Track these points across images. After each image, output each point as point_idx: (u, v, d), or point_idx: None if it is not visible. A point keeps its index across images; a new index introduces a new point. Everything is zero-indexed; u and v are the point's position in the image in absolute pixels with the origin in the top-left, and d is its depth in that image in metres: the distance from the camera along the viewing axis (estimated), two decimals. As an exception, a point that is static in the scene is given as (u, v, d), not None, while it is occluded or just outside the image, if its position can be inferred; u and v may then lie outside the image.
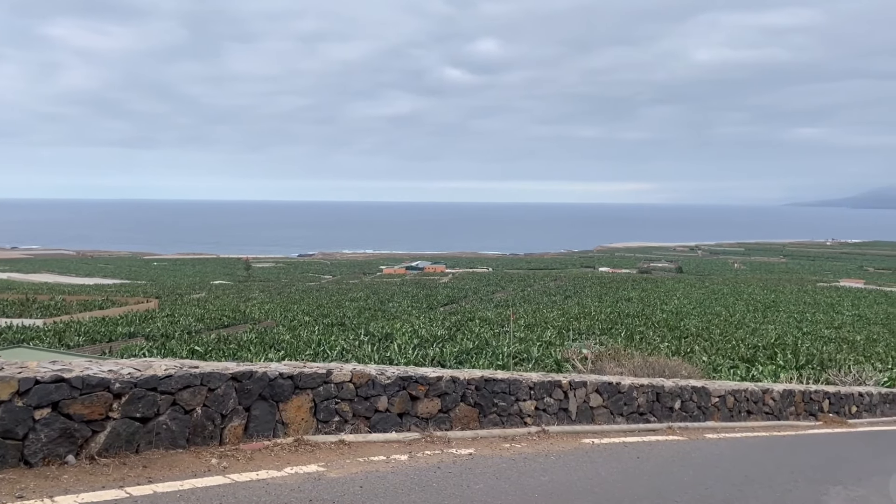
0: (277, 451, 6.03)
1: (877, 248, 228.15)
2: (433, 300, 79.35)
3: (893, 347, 44.23)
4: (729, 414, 11.19)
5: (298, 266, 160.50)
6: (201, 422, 5.82)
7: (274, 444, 6.14)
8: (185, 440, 5.72)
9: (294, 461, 5.85)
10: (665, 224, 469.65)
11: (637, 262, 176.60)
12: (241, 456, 5.77)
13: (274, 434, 6.29)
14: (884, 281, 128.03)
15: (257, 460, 5.75)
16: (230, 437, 5.99)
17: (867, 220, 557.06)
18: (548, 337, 46.44)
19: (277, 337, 45.39)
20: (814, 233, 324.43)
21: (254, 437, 6.14)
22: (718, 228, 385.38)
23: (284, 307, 67.99)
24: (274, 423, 6.32)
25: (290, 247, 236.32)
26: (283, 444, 6.17)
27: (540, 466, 6.74)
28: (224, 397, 5.96)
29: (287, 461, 5.83)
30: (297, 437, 6.35)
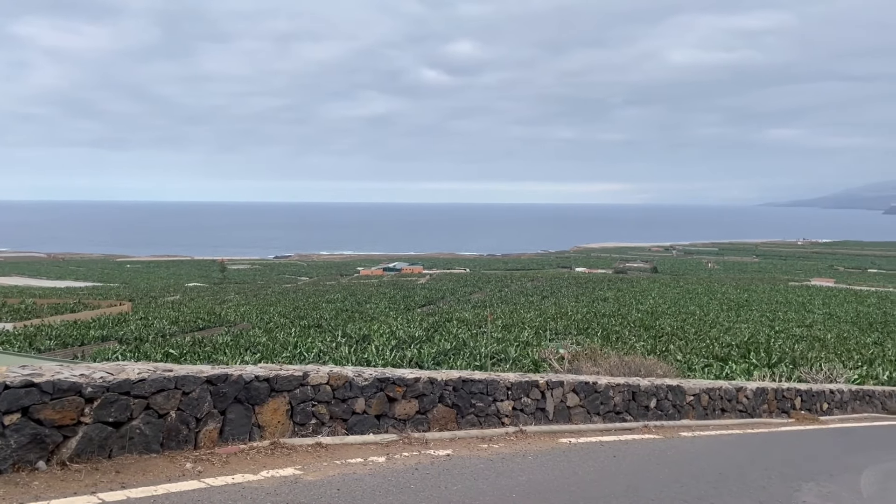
0: (253, 454, 5.98)
1: (847, 247, 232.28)
2: (411, 301, 79.25)
3: (863, 345, 45.04)
4: (703, 412, 11.31)
5: (274, 268, 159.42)
6: (175, 426, 5.75)
7: (250, 447, 6.08)
8: (160, 445, 5.64)
9: (270, 464, 5.80)
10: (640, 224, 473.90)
11: (613, 262, 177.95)
12: (216, 460, 5.71)
13: (250, 437, 6.24)
14: (853, 280, 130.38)
15: (233, 464, 5.70)
16: (205, 441, 5.93)
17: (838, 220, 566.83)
18: (525, 337, 46.58)
19: (253, 339, 45.02)
20: (786, 233, 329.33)
21: (229, 440, 6.08)
22: (693, 228, 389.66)
23: (260, 309, 67.46)
24: (250, 427, 6.26)
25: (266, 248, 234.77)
26: (259, 447, 6.12)
27: (517, 466, 6.76)
28: (199, 401, 5.89)
29: (263, 464, 5.78)
30: (274, 440, 6.30)
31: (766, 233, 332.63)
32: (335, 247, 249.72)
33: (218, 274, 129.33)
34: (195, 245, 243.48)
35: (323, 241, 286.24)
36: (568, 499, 5.95)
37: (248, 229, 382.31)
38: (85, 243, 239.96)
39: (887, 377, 32.53)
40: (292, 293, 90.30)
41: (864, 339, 49.09)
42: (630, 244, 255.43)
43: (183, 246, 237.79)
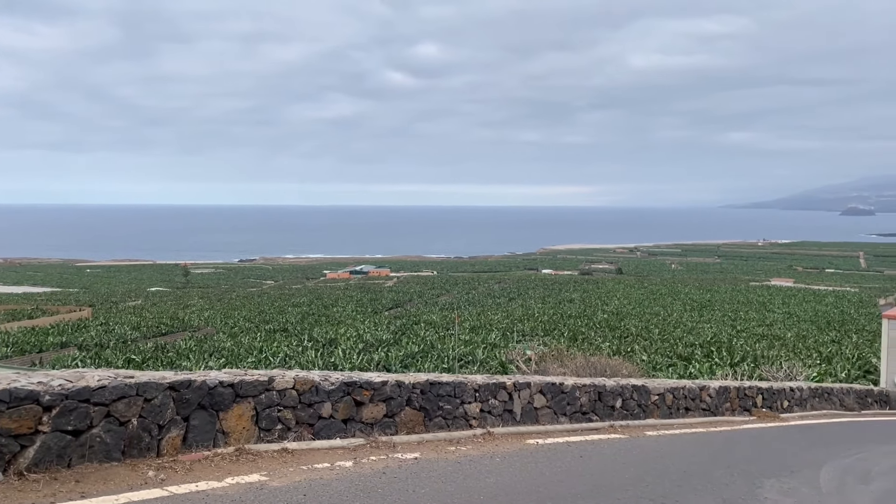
0: (218, 461, 5.89)
1: (805, 248, 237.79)
2: (378, 304, 78.96)
3: (822, 344, 46.11)
4: (668, 411, 11.46)
5: (239, 271, 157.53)
6: (137, 433, 5.64)
7: (214, 454, 5.99)
8: (121, 453, 5.53)
9: (235, 471, 5.72)
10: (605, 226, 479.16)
11: (579, 263, 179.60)
12: (179, 467, 5.62)
13: (214, 444, 6.14)
14: (812, 280, 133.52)
15: (197, 471, 5.61)
16: (168, 449, 5.82)
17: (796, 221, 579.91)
18: (492, 339, 46.73)
19: (218, 344, 44.39)
20: (746, 234, 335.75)
21: (193, 447, 5.98)
22: (656, 230, 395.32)
23: (225, 314, 66.59)
24: (214, 433, 6.17)
25: (231, 252, 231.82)
26: (223, 453, 6.03)
27: (485, 468, 6.77)
28: (161, 408, 5.79)
29: (228, 471, 5.70)
30: (239, 446, 6.22)
31: (727, 234, 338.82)
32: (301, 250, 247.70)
33: (181, 278, 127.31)
34: (157, 249, 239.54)
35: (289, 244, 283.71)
36: (535, 499, 5.98)
37: (212, 233, 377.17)
38: (43, 248, 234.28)
39: (845, 375, 33.36)
40: (257, 297, 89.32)
41: (822, 337, 50.25)
42: (595, 246, 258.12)
43: (145, 250, 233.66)
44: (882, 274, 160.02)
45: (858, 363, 36.69)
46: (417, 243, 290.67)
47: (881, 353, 27.62)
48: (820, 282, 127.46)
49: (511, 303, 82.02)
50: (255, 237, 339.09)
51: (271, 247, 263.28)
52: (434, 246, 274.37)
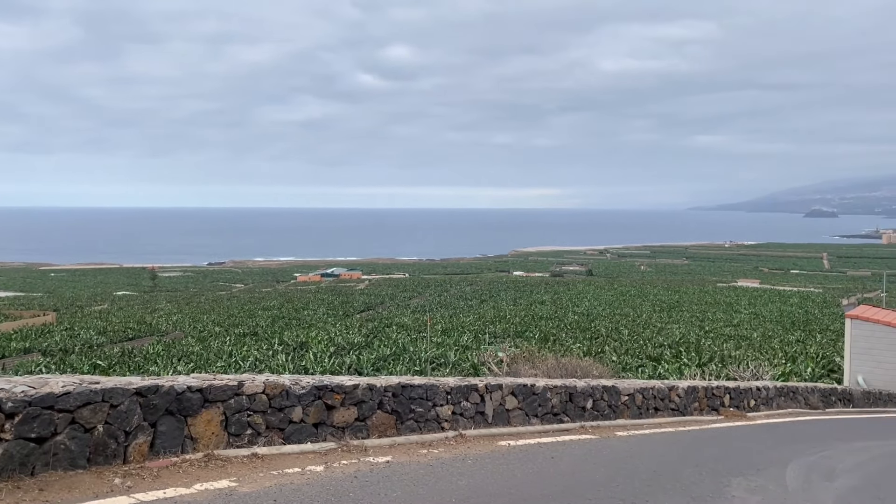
0: (186, 467, 5.81)
1: (770, 249, 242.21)
2: (349, 307, 78.58)
3: (787, 343, 46.96)
4: (638, 411, 11.57)
5: (208, 275, 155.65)
6: (103, 440, 5.53)
7: (182, 460, 5.91)
8: (86, 460, 5.42)
9: (204, 477, 5.65)
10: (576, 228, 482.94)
11: (550, 265, 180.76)
12: (146, 474, 5.53)
13: (182, 450, 6.06)
14: (777, 280, 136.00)
15: (164, 478, 5.52)
16: (135, 455, 5.73)
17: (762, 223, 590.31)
18: (464, 341, 46.78)
19: (186, 349, 43.80)
20: (713, 235, 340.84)
21: (160, 453, 5.89)
22: (626, 232, 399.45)
23: (193, 317, 65.71)
24: (182, 439, 6.08)
25: (199, 255, 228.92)
26: (192, 459, 5.95)
27: (457, 471, 6.77)
28: (128, 413, 5.69)
29: (197, 477, 5.62)
30: (208, 452, 6.14)
31: (695, 236, 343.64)
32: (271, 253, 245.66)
33: (148, 282, 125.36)
34: (124, 252, 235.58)
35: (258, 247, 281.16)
36: (507, 501, 5.99)
37: (180, 235, 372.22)
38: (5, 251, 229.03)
39: (810, 374, 34.01)
40: (227, 301, 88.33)
41: (787, 337, 51.16)
42: (566, 248, 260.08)
43: (111, 253, 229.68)
44: (845, 275, 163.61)
45: (823, 362, 37.44)
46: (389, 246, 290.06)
47: (844, 353, 28.22)
48: (785, 282, 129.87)
49: (483, 305, 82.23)
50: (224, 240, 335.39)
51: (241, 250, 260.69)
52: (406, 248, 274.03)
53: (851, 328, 27.21)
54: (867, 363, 26.65)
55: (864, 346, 26.79)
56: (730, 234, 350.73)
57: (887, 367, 26.20)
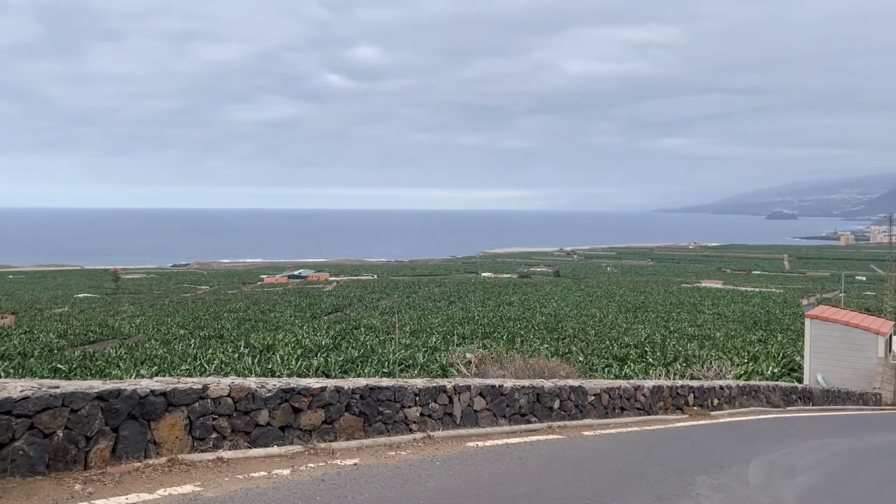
0: (149, 472, 5.71)
1: (733, 250, 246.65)
2: (317, 309, 78.04)
3: (749, 343, 47.85)
4: (604, 411, 11.68)
5: (172, 277, 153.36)
6: (63, 445, 5.41)
7: (145, 465, 5.80)
8: (46, 466, 5.30)
9: (168, 482, 5.55)
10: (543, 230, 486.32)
11: (518, 266, 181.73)
12: (108, 480, 5.42)
13: (145, 455, 5.95)
14: (739, 281, 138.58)
15: (127, 483, 5.42)
16: (96, 461, 5.61)
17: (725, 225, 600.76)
18: (433, 342, 46.78)
19: (150, 352, 43.10)
20: (678, 237, 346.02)
21: (123, 458, 5.78)
22: (592, 234, 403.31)
23: (157, 320, 64.67)
24: (145, 444, 5.97)
25: (163, 257, 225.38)
26: (155, 464, 5.84)
27: (425, 472, 6.76)
28: (89, 418, 5.57)
29: (160, 483, 5.52)
30: (171, 456, 6.04)
31: (659, 237, 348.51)
32: (237, 254, 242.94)
33: (111, 284, 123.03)
34: (85, 254, 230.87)
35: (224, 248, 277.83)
36: (475, 502, 6.00)
37: (144, 237, 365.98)
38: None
39: (770, 372, 34.70)
40: (192, 303, 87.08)
41: (749, 336, 52.12)
42: (534, 249, 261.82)
43: (72, 255, 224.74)
44: (804, 275, 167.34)
45: (783, 361, 38.22)
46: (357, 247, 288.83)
47: (804, 352, 28.85)
48: (747, 283, 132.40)
49: (451, 306, 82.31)
50: (189, 241, 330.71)
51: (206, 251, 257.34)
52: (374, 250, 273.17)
53: (811, 328, 27.84)
54: (826, 362, 27.29)
55: (823, 345, 27.43)
56: (694, 235, 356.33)
57: (845, 366, 26.86)
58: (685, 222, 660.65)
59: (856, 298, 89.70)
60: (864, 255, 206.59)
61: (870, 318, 30.17)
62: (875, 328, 27.27)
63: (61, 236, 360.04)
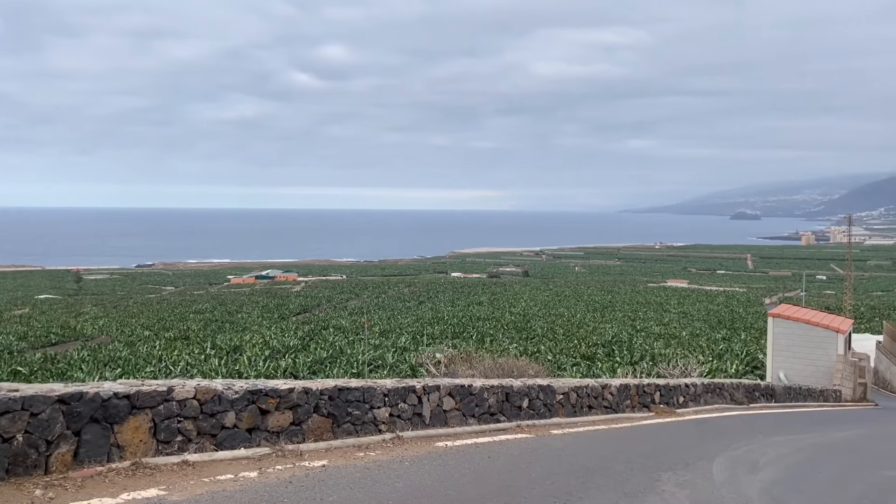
0: (112, 476, 5.60)
1: (698, 250, 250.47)
2: (285, 310, 77.38)
3: (714, 341, 48.62)
4: (572, 409, 11.77)
5: (136, 277, 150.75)
6: (23, 450, 5.28)
7: (108, 469, 5.69)
8: (4, 471, 5.17)
9: (131, 486, 5.46)
10: (513, 230, 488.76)
11: (487, 266, 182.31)
12: (70, 485, 5.31)
13: (108, 459, 5.84)
14: (704, 281, 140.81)
15: (89, 488, 5.31)
16: (57, 465, 5.49)
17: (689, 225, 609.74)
18: (402, 343, 46.69)
19: (113, 354, 42.31)
20: (644, 237, 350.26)
21: (85, 463, 5.67)
22: (561, 234, 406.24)
23: (121, 321, 63.53)
24: (108, 447, 5.86)
25: (127, 257, 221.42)
26: (118, 468, 5.74)
27: (394, 473, 6.74)
28: (49, 422, 5.45)
29: (123, 487, 5.43)
30: (135, 460, 5.94)
31: (626, 237, 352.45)
32: (204, 255, 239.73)
33: (73, 285, 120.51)
34: (46, 254, 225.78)
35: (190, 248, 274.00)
36: (444, 501, 6.00)
37: (107, 237, 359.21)
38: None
39: (734, 370, 35.35)
40: (156, 304, 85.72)
41: (714, 335, 52.95)
42: (503, 249, 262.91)
43: (32, 255, 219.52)
44: (767, 275, 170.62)
45: (747, 359, 38.97)
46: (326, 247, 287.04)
47: (767, 350, 29.43)
48: (712, 282, 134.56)
49: (421, 306, 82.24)
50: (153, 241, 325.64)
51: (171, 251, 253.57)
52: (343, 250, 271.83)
53: (773, 326, 28.40)
54: (788, 359, 27.87)
55: (784, 343, 28.00)
56: (660, 235, 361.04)
57: (806, 363, 27.46)
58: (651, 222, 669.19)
59: (816, 297, 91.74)
60: (825, 255, 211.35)
61: (830, 317, 30.91)
62: (835, 326, 27.93)
63: (21, 236, 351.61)
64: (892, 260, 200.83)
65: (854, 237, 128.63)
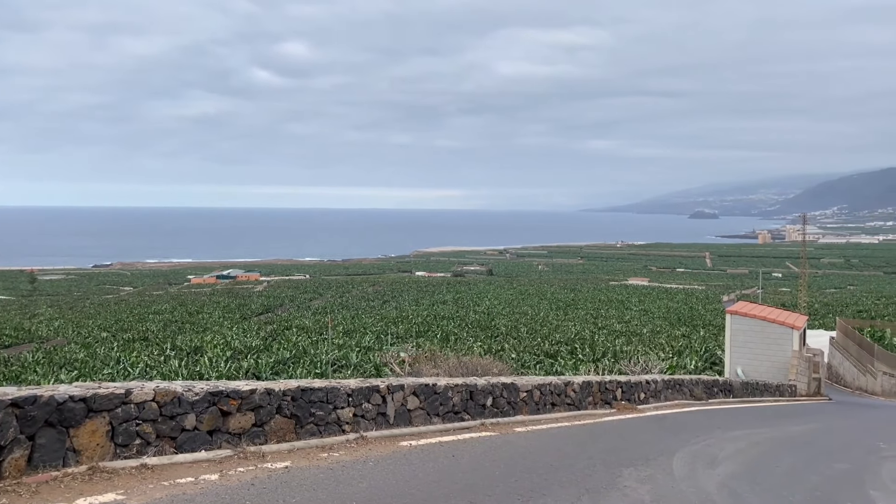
0: (68, 481, 5.47)
1: (658, 249, 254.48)
2: (247, 310, 76.44)
3: (674, 338, 49.43)
4: (536, 407, 11.86)
5: (94, 278, 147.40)
6: (-27, 457, 5.13)
7: (64, 474, 5.56)
8: (-47, 479, 5.01)
9: (88, 491, 5.34)
10: (477, 229, 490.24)
11: (451, 265, 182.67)
12: (24, 490, 5.17)
13: (64, 463, 5.70)
14: (664, 279, 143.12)
15: (44, 493, 5.18)
16: (10, 471, 5.34)
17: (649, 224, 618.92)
18: (367, 342, 46.49)
19: (70, 356, 41.32)
20: (606, 236, 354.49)
21: (40, 468, 5.52)
22: (524, 233, 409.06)
23: (77, 323, 62.08)
24: (64, 451, 5.72)
25: (84, 257, 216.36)
26: (74, 473, 5.61)
27: (358, 473, 6.71)
28: (2, 426, 5.30)
29: (80, 492, 5.30)
30: (92, 464, 5.81)
31: (589, 236, 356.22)
32: (163, 254, 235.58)
33: (27, 285, 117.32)
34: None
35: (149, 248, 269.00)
36: (408, 501, 6.00)
37: (63, 236, 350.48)
38: None
39: (694, 366, 35.97)
40: (114, 304, 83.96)
41: (674, 332, 53.83)
42: (467, 248, 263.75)
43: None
44: (725, 272, 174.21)
45: (706, 355, 39.71)
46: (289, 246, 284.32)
47: (725, 346, 30.04)
48: (672, 280, 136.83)
49: (385, 305, 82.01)
50: (111, 241, 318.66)
51: (130, 251, 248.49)
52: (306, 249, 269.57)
53: (731, 323, 29.00)
54: (745, 355, 28.48)
55: (742, 339, 28.60)
56: (621, 234, 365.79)
57: (763, 359, 28.09)
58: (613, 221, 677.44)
59: (773, 294, 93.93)
60: (781, 253, 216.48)
61: (785, 314, 31.68)
62: (790, 323, 28.63)
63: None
64: (844, 258, 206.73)
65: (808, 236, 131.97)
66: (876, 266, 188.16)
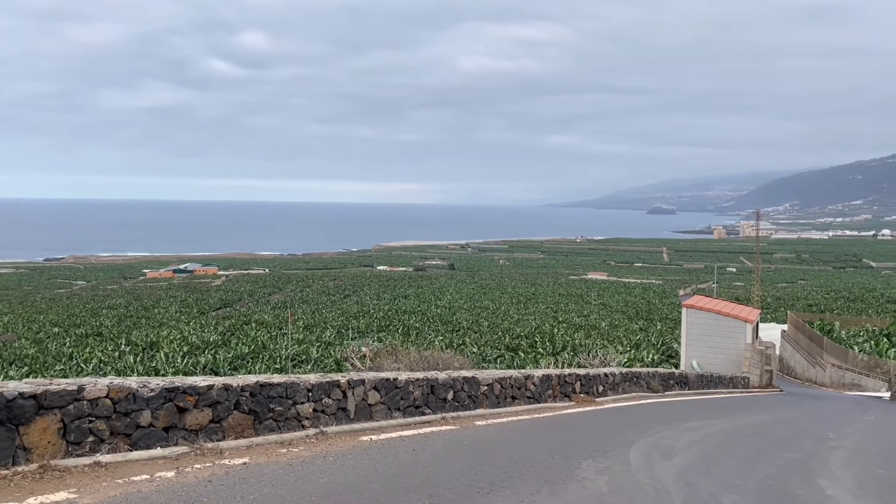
0: (18, 480, 5.33)
1: (616, 244, 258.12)
2: (204, 304, 75.31)
3: (631, 332, 50.28)
4: (496, 400, 11.93)
5: (45, 272, 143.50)
6: (-84, 457, 4.95)
7: (14, 472, 5.41)
8: None
9: (39, 490, 5.20)
10: (438, 223, 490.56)
11: (413, 260, 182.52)
12: (-30, 491, 5.01)
13: (14, 462, 5.55)
14: (623, 273, 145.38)
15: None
16: (-44, 472, 5.17)
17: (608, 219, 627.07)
18: (327, 337, 46.22)
19: (20, 352, 40.18)
20: (566, 231, 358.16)
21: (-13, 468, 5.36)
22: (485, 227, 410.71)
23: (28, 318, 60.38)
24: (14, 450, 5.57)
25: (34, 250, 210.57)
26: (25, 472, 5.46)
27: (318, 469, 6.67)
28: (-53, 426, 5.13)
29: (30, 491, 5.17)
30: (43, 462, 5.66)
31: (549, 231, 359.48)
32: (118, 248, 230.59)
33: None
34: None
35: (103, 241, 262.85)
36: (368, 496, 5.99)
37: (12, 229, 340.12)
38: None
39: (651, 359, 36.64)
40: (66, 299, 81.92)
41: (631, 326, 54.78)
42: (429, 242, 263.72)
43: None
44: (682, 267, 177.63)
45: (662, 348, 40.49)
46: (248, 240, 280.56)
47: (681, 339, 30.63)
48: (630, 275, 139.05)
49: (346, 300, 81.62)
50: (63, 234, 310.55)
51: (83, 244, 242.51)
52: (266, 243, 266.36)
53: (687, 317, 29.57)
54: (700, 348, 29.08)
55: (697, 332, 29.20)
56: (581, 229, 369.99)
57: (717, 352, 28.72)
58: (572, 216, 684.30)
59: (727, 289, 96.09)
60: (735, 248, 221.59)
61: (739, 307, 32.44)
62: (743, 316, 29.32)
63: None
64: (796, 253, 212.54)
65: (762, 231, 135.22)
66: (825, 261, 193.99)
